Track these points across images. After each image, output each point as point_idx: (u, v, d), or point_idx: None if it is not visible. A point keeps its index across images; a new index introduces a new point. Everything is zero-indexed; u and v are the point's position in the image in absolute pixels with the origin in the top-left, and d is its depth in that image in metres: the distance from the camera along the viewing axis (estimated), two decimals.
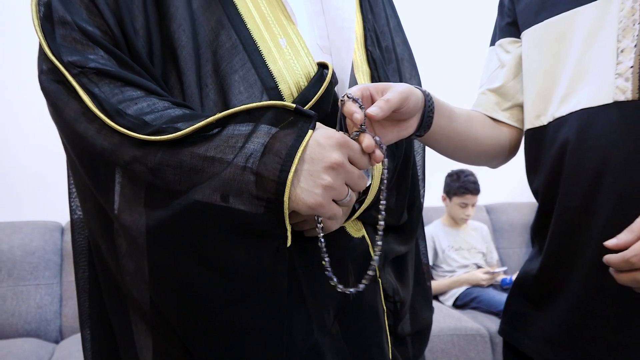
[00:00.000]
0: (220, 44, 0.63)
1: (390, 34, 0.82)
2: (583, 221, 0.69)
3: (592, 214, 0.68)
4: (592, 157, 0.68)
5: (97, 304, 0.68)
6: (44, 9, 0.61)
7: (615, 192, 0.65)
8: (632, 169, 0.64)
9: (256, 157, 0.52)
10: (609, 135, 0.66)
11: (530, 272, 0.79)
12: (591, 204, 0.68)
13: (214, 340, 0.56)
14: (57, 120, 0.61)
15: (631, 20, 0.67)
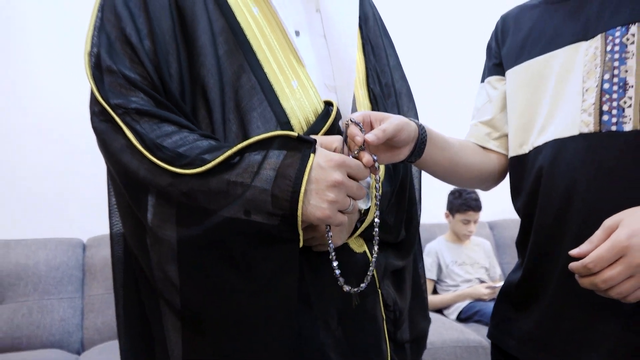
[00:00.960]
0: (241, 85, 0.74)
1: (390, 71, 0.93)
2: (556, 236, 0.79)
3: (562, 230, 0.78)
4: (562, 181, 0.78)
5: (133, 310, 0.79)
6: (94, 59, 0.73)
7: (581, 211, 0.75)
8: (595, 191, 0.74)
9: (270, 181, 0.64)
10: (576, 162, 0.76)
11: (513, 281, 0.89)
12: (562, 221, 0.78)
13: (236, 329, 0.67)
14: (105, 152, 0.73)
15: (594, 64, 0.78)
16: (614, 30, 0.76)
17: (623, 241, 0.62)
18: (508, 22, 0.95)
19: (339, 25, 0.82)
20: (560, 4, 0.86)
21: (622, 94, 0.74)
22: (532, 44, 0.87)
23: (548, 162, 0.80)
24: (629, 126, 0.73)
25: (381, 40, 0.94)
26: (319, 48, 0.82)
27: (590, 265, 0.64)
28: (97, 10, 0.75)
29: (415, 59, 2.09)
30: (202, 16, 0.75)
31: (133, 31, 0.73)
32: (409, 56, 1.20)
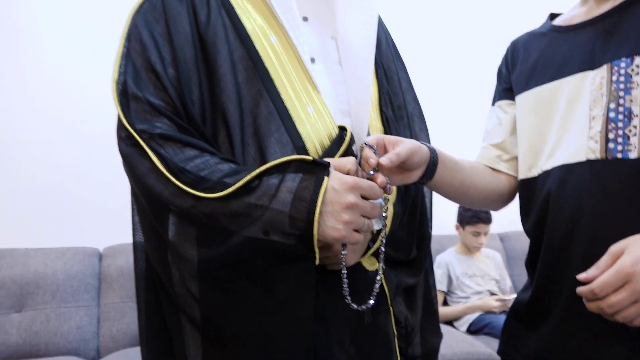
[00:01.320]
0: (259, 111, 0.78)
1: (402, 93, 0.96)
2: (563, 258, 0.81)
3: (570, 252, 0.80)
4: (569, 205, 0.80)
5: (155, 324, 0.82)
6: (121, 86, 0.77)
7: (587, 234, 0.77)
8: (600, 216, 0.77)
9: (288, 203, 0.67)
10: (582, 187, 0.79)
11: (523, 300, 0.91)
12: (569, 244, 0.80)
13: (255, 344, 0.70)
14: (130, 175, 0.77)
15: (600, 93, 0.80)
16: (619, 61, 0.79)
17: (628, 268, 0.64)
18: (518, 48, 0.98)
19: (355, 52, 0.85)
20: (568, 33, 0.88)
21: (627, 123, 0.77)
22: (541, 71, 0.90)
23: (556, 186, 0.83)
24: (634, 154, 0.76)
25: (394, 63, 0.97)
26: (334, 74, 0.85)
27: (596, 290, 0.66)
28: (124, 39, 0.80)
29: (427, 80, 2.13)
30: (223, 46, 0.79)
31: (158, 59, 0.77)
32: (421, 77, 1.23)
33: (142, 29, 0.79)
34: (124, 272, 2.13)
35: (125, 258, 2.16)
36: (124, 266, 2.14)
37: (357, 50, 0.85)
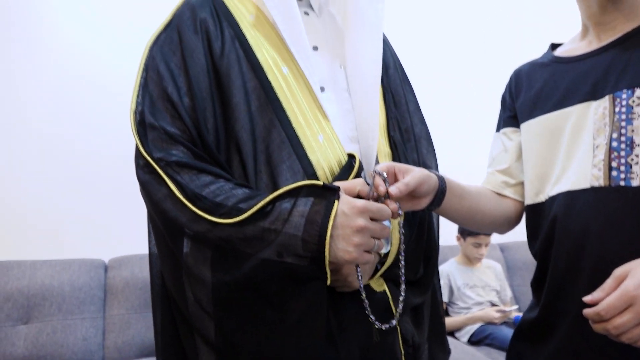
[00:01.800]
0: (272, 139, 0.81)
1: (409, 116, 0.99)
2: (569, 280, 0.84)
3: (576, 275, 0.83)
4: (575, 230, 0.83)
5: (172, 347, 0.85)
6: (139, 116, 0.80)
7: (592, 258, 0.81)
8: (604, 241, 0.80)
9: (300, 227, 0.70)
10: (587, 213, 0.82)
11: (530, 319, 0.94)
12: (575, 267, 0.83)
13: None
14: (148, 200, 0.80)
15: (603, 123, 0.83)
16: (621, 93, 0.82)
17: (631, 291, 0.67)
18: (521, 77, 1.01)
19: (362, 80, 0.88)
20: (570, 64, 0.92)
21: (629, 152, 0.80)
22: (545, 100, 0.93)
23: (562, 212, 0.86)
24: (636, 182, 0.79)
25: (401, 87, 1.00)
26: (343, 102, 0.88)
27: (602, 312, 0.69)
28: (142, 70, 0.83)
29: (434, 102, 2.17)
30: (237, 76, 0.82)
31: (174, 89, 0.80)
32: (428, 100, 1.26)
33: (158, 60, 0.82)
34: (129, 284, 2.15)
35: (130, 269, 2.19)
36: (129, 277, 2.16)
37: (365, 78, 0.88)
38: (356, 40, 0.90)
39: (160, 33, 0.85)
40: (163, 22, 0.86)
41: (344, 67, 0.90)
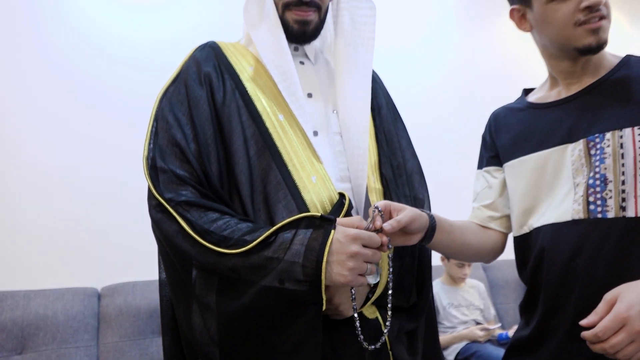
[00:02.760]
0: (269, 180, 0.89)
1: (401, 152, 1.07)
2: (559, 302, 0.94)
3: (565, 300, 0.93)
4: (562, 257, 0.94)
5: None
6: (150, 161, 0.88)
7: (579, 284, 0.91)
8: (588, 266, 0.90)
9: (300, 254, 0.78)
10: (571, 242, 0.93)
11: (521, 339, 1.04)
12: (564, 290, 0.93)
13: None
14: (161, 236, 0.87)
15: (580, 163, 0.94)
16: (594, 137, 0.93)
17: (623, 313, 0.77)
18: (499, 120, 1.12)
19: (352, 124, 0.97)
20: (545, 110, 1.04)
21: (603, 188, 0.91)
22: (524, 142, 1.04)
23: (548, 243, 0.97)
24: (611, 214, 0.90)
25: (393, 126, 1.09)
26: (335, 144, 0.97)
27: (599, 334, 0.77)
28: (152, 120, 0.91)
29: (426, 139, 2.30)
30: (237, 124, 0.90)
31: (182, 136, 0.88)
32: (420, 136, 1.35)
33: (167, 111, 0.90)
34: (122, 312, 2.18)
35: (123, 297, 2.22)
36: (123, 305, 2.20)
37: (354, 122, 0.97)
38: (346, 87, 0.99)
39: (169, 86, 0.94)
40: (171, 76, 0.95)
41: (336, 111, 0.99)
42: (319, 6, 0.97)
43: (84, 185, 2.39)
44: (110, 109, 2.47)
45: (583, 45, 0.95)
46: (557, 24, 0.96)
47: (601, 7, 0.93)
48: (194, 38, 1.22)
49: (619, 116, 0.92)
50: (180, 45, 1.45)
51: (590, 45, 0.95)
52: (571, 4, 0.93)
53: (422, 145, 1.19)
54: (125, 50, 2.54)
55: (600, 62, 1.00)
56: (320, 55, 1.06)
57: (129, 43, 2.55)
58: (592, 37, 0.94)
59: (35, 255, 2.27)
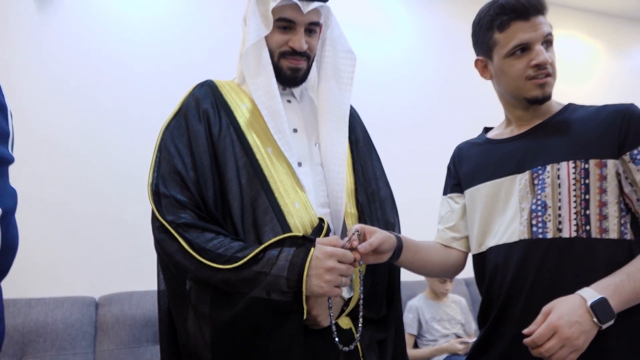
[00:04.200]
0: (257, 205, 1.02)
1: (375, 181, 1.22)
2: (507, 313, 1.08)
3: (512, 309, 1.07)
4: (510, 274, 1.08)
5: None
6: (154, 188, 1.01)
7: (524, 295, 1.05)
8: (533, 281, 1.04)
9: (284, 268, 0.91)
10: (518, 259, 1.07)
11: (476, 345, 1.19)
12: (511, 303, 1.07)
13: None
14: (163, 253, 1.00)
15: (526, 191, 1.09)
16: (537, 169, 1.08)
17: (555, 322, 0.90)
18: (462, 153, 1.28)
19: (332, 157, 1.11)
20: (499, 145, 1.19)
21: (544, 212, 1.05)
22: (481, 172, 1.19)
23: (499, 260, 1.11)
24: (550, 235, 1.04)
25: (368, 157, 1.23)
26: (316, 174, 1.10)
27: (535, 340, 0.92)
28: (156, 151, 1.04)
29: (396, 170, 2.43)
30: (231, 156, 1.04)
31: (182, 166, 1.02)
32: (391, 168, 1.48)
33: (169, 143, 1.04)
34: (118, 320, 2.29)
35: (120, 306, 2.32)
36: (119, 314, 2.30)
37: (334, 156, 1.11)
38: (327, 125, 1.13)
39: (171, 120, 1.07)
40: (173, 111, 1.09)
41: (318, 145, 1.13)
42: (309, 56, 1.11)
43: (83, 198, 2.50)
44: (108, 123, 2.59)
45: (531, 96, 1.10)
46: (512, 77, 1.11)
47: (548, 66, 1.08)
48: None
49: (558, 152, 1.07)
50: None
51: (537, 97, 1.10)
52: (524, 61, 1.08)
53: (397, 172, 1.32)
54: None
55: (547, 108, 1.16)
56: (305, 93, 1.20)
57: (153, 38, 2.68)
58: (539, 90, 1.09)
59: (36, 265, 2.38)
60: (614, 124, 1.04)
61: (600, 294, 0.92)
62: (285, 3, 1.06)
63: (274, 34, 1.09)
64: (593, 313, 0.90)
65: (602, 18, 4.13)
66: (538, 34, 1.07)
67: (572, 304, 0.92)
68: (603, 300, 0.91)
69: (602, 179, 1.03)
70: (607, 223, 1.02)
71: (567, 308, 0.91)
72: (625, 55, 4.21)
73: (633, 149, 1.02)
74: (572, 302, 0.92)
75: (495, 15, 1.10)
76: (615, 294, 0.92)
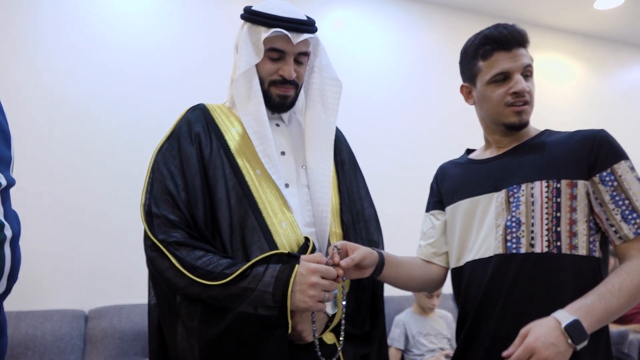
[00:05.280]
0: (245, 225, 1.06)
1: (360, 201, 1.26)
2: (482, 324, 1.13)
3: (487, 320, 1.12)
4: (485, 286, 1.12)
5: None
6: (147, 208, 1.05)
7: (499, 307, 1.10)
8: (506, 294, 1.09)
9: (270, 284, 0.96)
10: (493, 273, 1.12)
11: (454, 357, 1.22)
12: (486, 314, 1.12)
13: None
14: (154, 270, 1.04)
15: (501, 208, 1.14)
16: (512, 187, 1.14)
17: (532, 343, 0.95)
18: (444, 172, 1.34)
19: (317, 179, 1.15)
20: (478, 165, 1.25)
21: (518, 229, 1.11)
22: (462, 190, 1.24)
23: (476, 273, 1.16)
24: (523, 250, 1.10)
25: (353, 178, 1.28)
26: (302, 195, 1.15)
27: None
28: (149, 172, 1.09)
29: (381, 189, 2.48)
30: (221, 177, 1.08)
31: (174, 187, 1.06)
32: (380, 185, 1.53)
33: (162, 165, 1.08)
34: (107, 334, 2.30)
35: (109, 320, 2.34)
36: (108, 328, 2.32)
37: (319, 178, 1.15)
38: (314, 147, 1.18)
39: (164, 142, 1.12)
40: (166, 133, 1.13)
41: (305, 167, 1.18)
42: (297, 84, 1.17)
43: (73, 212, 2.52)
44: (100, 135, 2.63)
45: (509, 122, 1.17)
46: (492, 103, 1.18)
47: (525, 95, 1.15)
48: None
49: (532, 172, 1.13)
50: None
51: (514, 124, 1.17)
52: (503, 89, 1.16)
53: (385, 189, 1.37)
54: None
55: (524, 133, 1.22)
56: (293, 116, 1.26)
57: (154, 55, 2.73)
58: (516, 117, 1.16)
59: (25, 278, 2.38)
60: (585, 147, 1.11)
61: (574, 315, 0.97)
62: (276, 34, 1.11)
63: (264, 62, 1.14)
64: (567, 335, 0.95)
65: (584, 40, 4.24)
66: (518, 64, 1.15)
67: (547, 326, 0.96)
68: (576, 322, 0.96)
69: (573, 198, 1.09)
70: (576, 240, 1.07)
71: (543, 330, 0.96)
72: (606, 78, 4.32)
73: (602, 171, 1.08)
74: (547, 324, 0.97)
75: (480, 45, 1.19)
76: (587, 316, 0.97)
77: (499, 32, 1.15)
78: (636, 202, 1.06)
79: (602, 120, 4.12)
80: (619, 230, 1.06)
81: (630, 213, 1.06)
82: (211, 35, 2.92)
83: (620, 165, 1.08)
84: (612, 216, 1.07)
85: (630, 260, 1.05)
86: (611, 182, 1.07)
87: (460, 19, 3.71)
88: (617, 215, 1.06)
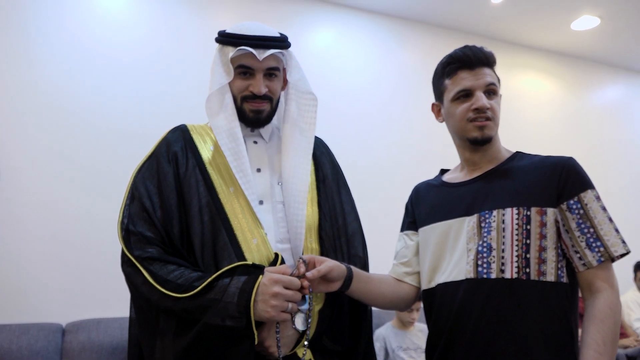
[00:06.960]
0: (217, 242, 1.09)
1: (344, 216, 1.28)
2: (454, 346, 1.15)
3: (459, 342, 1.14)
4: (457, 310, 1.15)
5: None
6: (124, 225, 1.07)
7: (470, 329, 1.12)
8: (477, 317, 1.12)
9: (235, 294, 0.99)
10: (464, 297, 1.14)
11: None
12: (457, 337, 1.14)
13: None
14: (130, 286, 1.07)
15: (473, 233, 1.17)
16: (484, 213, 1.17)
17: None
18: (419, 193, 1.36)
19: (292, 196, 1.17)
20: (452, 188, 1.28)
21: (489, 254, 1.14)
22: (435, 212, 1.27)
23: (447, 296, 1.18)
24: (493, 275, 1.12)
25: (336, 193, 1.29)
26: (277, 212, 1.17)
27: None
28: (128, 190, 1.11)
29: (360, 204, 2.52)
30: (195, 195, 1.11)
31: (150, 205, 1.08)
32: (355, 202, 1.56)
33: (140, 183, 1.11)
34: (85, 348, 2.28)
35: (87, 334, 2.32)
36: (86, 342, 2.29)
37: (294, 194, 1.17)
38: (291, 163, 1.20)
39: (144, 162, 1.14)
40: (147, 153, 1.15)
41: (281, 183, 1.20)
42: (271, 98, 1.19)
43: (52, 224, 2.51)
44: (80, 148, 2.62)
45: (471, 137, 1.21)
46: (456, 118, 1.22)
47: (487, 111, 1.19)
48: None
49: (503, 198, 1.16)
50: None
51: (477, 138, 1.21)
52: (466, 105, 1.20)
53: (360, 205, 1.40)
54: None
55: (496, 155, 1.25)
56: (275, 132, 1.28)
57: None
58: (478, 132, 1.20)
59: (1, 291, 2.36)
60: (554, 176, 1.14)
61: None
62: (241, 52, 1.15)
63: (235, 80, 1.17)
64: None
65: (561, 59, 4.36)
66: (480, 82, 1.20)
67: None
68: None
69: (542, 225, 1.12)
70: (545, 267, 1.10)
71: None
72: (582, 96, 4.43)
73: (569, 199, 1.12)
74: None
75: (446, 64, 1.24)
76: None
77: (462, 53, 1.21)
78: (600, 231, 1.09)
79: (578, 138, 4.23)
80: (583, 257, 1.10)
81: (594, 241, 1.09)
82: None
83: (586, 194, 1.11)
84: (577, 243, 1.10)
85: (596, 299, 1.09)
86: (577, 210, 1.11)
87: (438, 37, 3.80)
88: (582, 242, 1.10)
